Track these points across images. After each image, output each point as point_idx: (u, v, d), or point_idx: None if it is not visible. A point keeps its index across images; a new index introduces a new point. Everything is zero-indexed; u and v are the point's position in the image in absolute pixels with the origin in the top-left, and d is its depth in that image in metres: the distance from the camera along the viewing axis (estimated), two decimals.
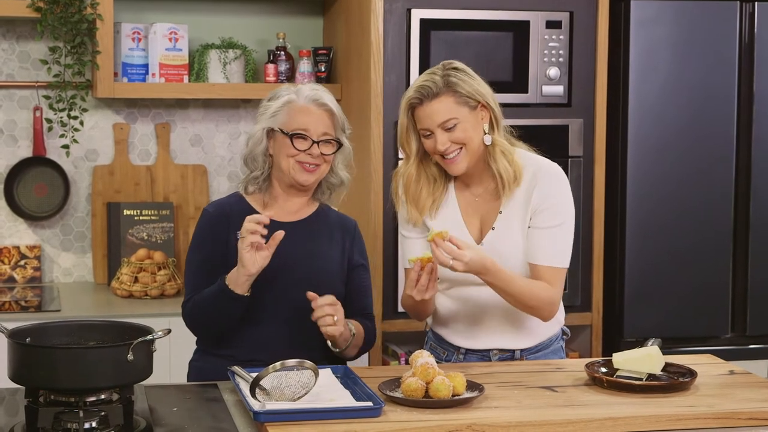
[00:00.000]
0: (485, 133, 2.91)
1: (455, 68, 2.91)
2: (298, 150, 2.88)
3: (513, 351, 3.02)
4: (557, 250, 2.93)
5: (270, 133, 2.93)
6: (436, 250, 2.75)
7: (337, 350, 2.90)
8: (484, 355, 3.02)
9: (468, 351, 3.03)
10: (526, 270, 2.94)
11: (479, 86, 2.90)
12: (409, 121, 2.93)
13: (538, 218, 2.93)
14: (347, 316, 2.91)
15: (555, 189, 2.94)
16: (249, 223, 2.75)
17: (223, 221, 2.94)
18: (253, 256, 2.75)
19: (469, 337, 3.02)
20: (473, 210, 2.99)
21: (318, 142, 2.90)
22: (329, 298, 2.81)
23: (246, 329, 2.90)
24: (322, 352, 2.96)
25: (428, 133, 2.89)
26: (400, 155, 3.90)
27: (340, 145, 2.95)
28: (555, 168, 2.97)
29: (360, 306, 3.01)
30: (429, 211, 2.98)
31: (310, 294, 2.81)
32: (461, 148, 2.88)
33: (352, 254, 3.03)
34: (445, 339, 3.06)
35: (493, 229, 2.95)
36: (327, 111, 2.92)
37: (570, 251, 2.96)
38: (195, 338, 3.02)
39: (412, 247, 3.03)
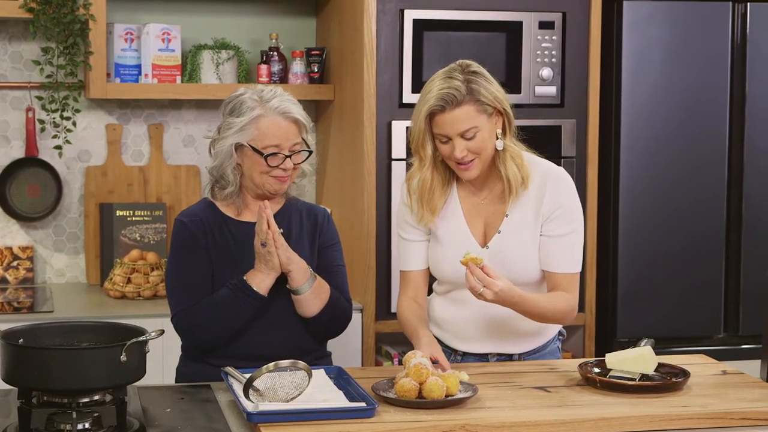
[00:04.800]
0: (497, 138, 2.89)
1: (474, 72, 2.86)
2: (272, 167, 2.88)
3: (511, 354, 3.02)
4: (572, 257, 2.94)
5: (238, 147, 2.91)
6: (469, 276, 2.73)
7: (295, 288, 2.88)
8: (482, 357, 3.02)
9: (466, 353, 3.02)
10: (534, 273, 2.95)
11: (497, 91, 2.87)
12: (426, 127, 2.87)
13: (550, 226, 2.92)
14: None
15: (564, 195, 2.94)
16: (262, 231, 2.82)
17: (200, 229, 2.95)
18: (275, 255, 2.83)
19: (468, 341, 3.01)
20: (477, 212, 2.98)
21: (290, 155, 2.89)
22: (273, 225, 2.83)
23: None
24: (312, 354, 2.97)
25: (446, 139, 2.85)
26: (394, 156, 3.93)
27: (310, 151, 2.94)
28: (563, 173, 2.97)
29: (333, 285, 2.99)
30: (432, 216, 2.96)
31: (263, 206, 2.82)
32: (476, 157, 2.87)
33: (321, 237, 3.03)
34: (442, 341, 3.05)
35: (499, 232, 2.94)
36: (295, 121, 2.91)
37: (582, 254, 2.98)
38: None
39: (411, 250, 3.02)
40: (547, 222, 2.92)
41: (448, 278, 2.97)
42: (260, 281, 2.86)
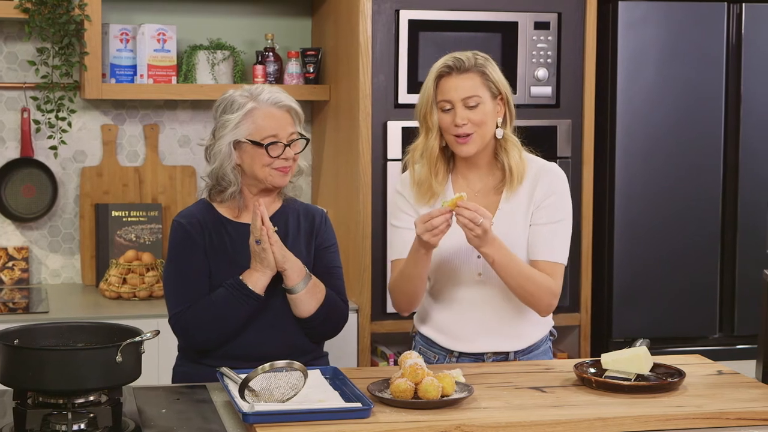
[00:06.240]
0: (497, 126, 2.93)
1: (482, 56, 2.96)
2: (273, 157, 2.89)
3: (507, 353, 3.02)
4: (557, 246, 2.95)
5: (236, 145, 2.92)
6: (463, 212, 2.74)
7: (290, 287, 2.89)
8: (478, 357, 3.02)
9: (462, 354, 3.02)
10: None
11: (502, 78, 2.95)
12: (433, 93, 2.93)
13: (538, 215, 2.95)
14: None
15: (555, 186, 2.97)
16: (256, 229, 2.83)
17: (197, 230, 2.95)
18: (270, 253, 2.84)
19: (463, 341, 3.01)
20: None
21: (289, 144, 2.90)
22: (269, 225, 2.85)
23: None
24: (310, 355, 2.97)
25: (449, 107, 2.90)
26: (389, 156, 3.94)
27: (307, 140, 2.96)
28: (555, 167, 3.01)
29: (330, 287, 2.99)
30: (428, 202, 2.97)
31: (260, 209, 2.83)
32: (475, 130, 2.88)
33: (318, 238, 3.04)
34: (437, 343, 3.05)
35: (492, 224, 2.95)
36: (289, 111, 2.93)
37: (568, 248, 2.99)
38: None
39: (403, 238, 3.01)
40: (537, 210, 2.95)
41: (440, 269, 2.97)
42: (256, 280, 2.86)
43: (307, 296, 2.91)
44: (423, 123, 2.97)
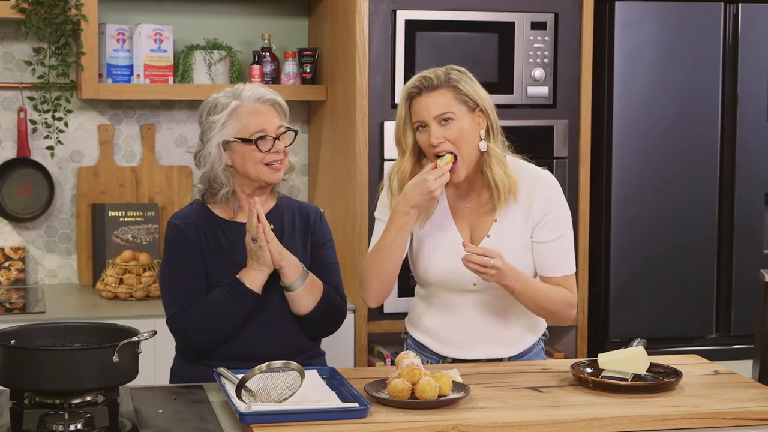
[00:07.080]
0: (481, 139, 2.89)
1: (457, 70, 2.90)
2: (264, 152, 2.89)
3: (500, 359, 3.01)
4: (567, 259, 2.96)
5: (225, 145, 2.92)
6: (473, 258, 2.74)
7: (287, 285, 2.89)
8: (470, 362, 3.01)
9: (454, 360, 3.01)
10: None
11: (480, 90, 2.89)
12: (407, 114, 2.89)
13: (542, 231, 2.93)
14: None
15: (554, 199, 2.94)
16: (252, 227, 2.82)
17: (193, 231, 2.95)
18: (266, 251, 2.84)
19: (457, 347, 3.00)
20: (463, 217, 2.96)
21: (277, 138, 2.91)
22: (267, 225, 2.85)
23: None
24: (307, 353, 2.97)
25: (423, 125, 2.86)
26: (386, 156, 3.94)
27: (295, 132, 2.96)
28: (549, 176, 2.97)
29: (327, 283, 2.99)
30: (419, 220, 2.93)
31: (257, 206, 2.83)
32: (453, 148, 2.85)
33: (313, 235, 3.04)
34: (429, 348, 3.04)
35: (488, 236, 2.93)
36: (273, 105, 2.94)
37: (574, 254, 3.00)
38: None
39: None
40: (538, 228, 2.92)
41: (433, 279, 2.96)
42: (253, 278, 2.86)
43: (305, 294, 2.91)
44: (398, 144, 2.95)
